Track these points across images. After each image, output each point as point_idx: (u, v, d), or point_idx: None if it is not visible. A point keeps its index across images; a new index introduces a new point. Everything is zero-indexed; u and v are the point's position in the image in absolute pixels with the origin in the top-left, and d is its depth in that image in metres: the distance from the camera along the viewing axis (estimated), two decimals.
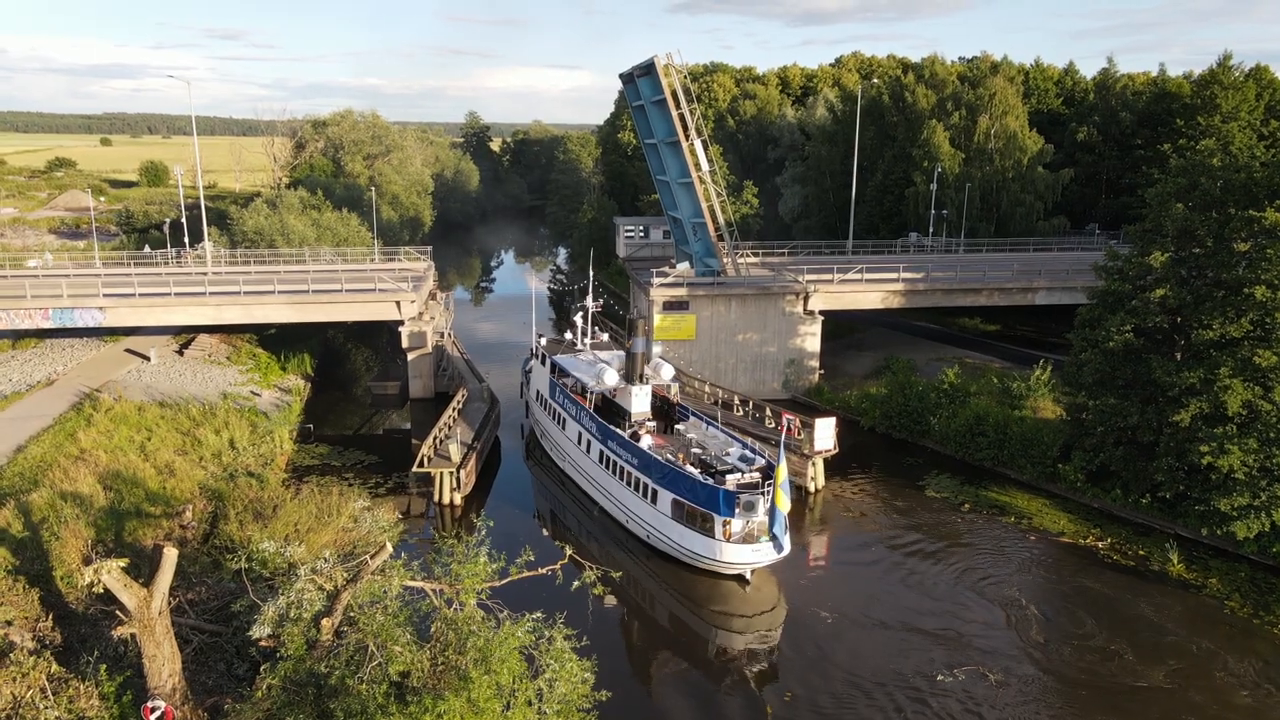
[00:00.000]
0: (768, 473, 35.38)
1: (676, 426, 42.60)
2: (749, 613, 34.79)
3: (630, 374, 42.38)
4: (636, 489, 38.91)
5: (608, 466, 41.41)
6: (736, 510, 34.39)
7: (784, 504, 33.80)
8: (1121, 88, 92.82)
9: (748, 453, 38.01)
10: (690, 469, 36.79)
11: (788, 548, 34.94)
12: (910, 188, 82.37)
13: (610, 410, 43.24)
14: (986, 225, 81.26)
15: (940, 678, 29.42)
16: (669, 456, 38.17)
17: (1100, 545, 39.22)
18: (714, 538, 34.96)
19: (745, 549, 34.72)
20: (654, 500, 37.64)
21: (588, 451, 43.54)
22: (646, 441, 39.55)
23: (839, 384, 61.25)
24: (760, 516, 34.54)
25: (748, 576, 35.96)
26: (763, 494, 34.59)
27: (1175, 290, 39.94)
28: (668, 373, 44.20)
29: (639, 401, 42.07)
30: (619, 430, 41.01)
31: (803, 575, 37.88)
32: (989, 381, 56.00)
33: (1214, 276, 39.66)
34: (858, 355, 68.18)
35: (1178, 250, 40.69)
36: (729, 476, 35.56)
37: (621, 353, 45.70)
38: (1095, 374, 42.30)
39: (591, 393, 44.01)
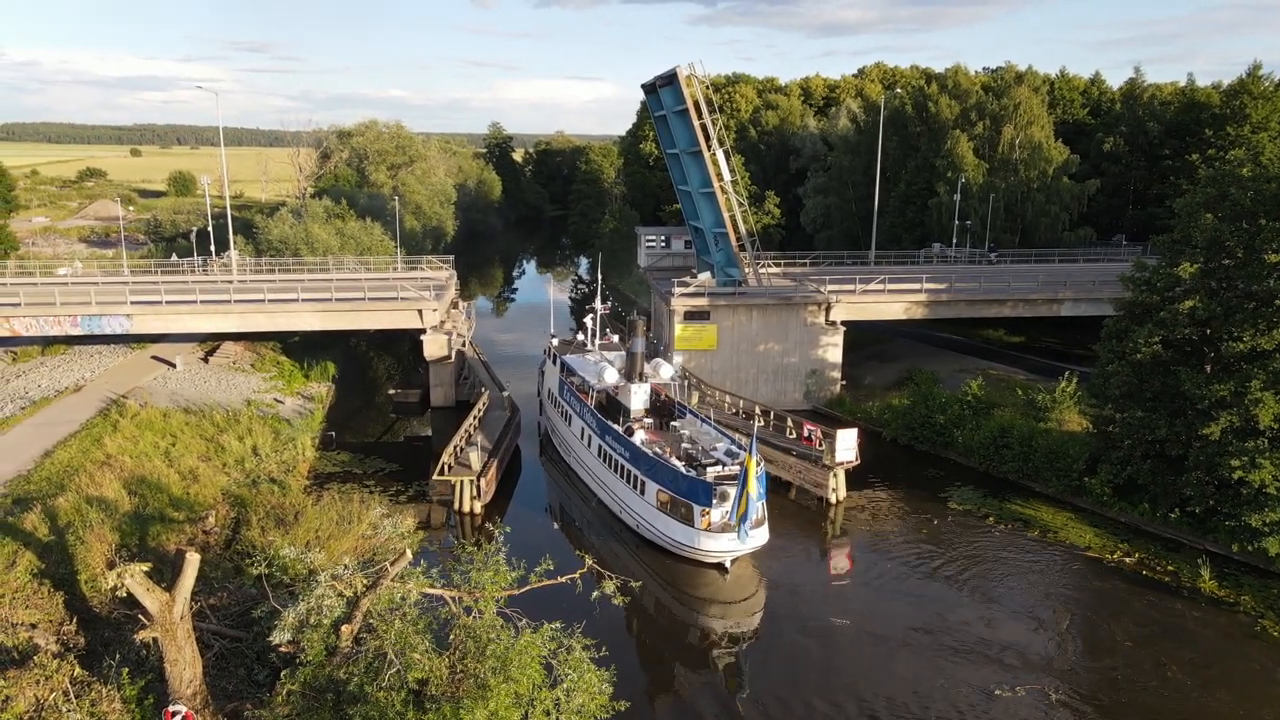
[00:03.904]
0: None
1: (672, 423, 43.79)
2: (731, 599, 36.01)
3: (630, 372, 44.24)
4: (628, 481, 40.43)
5: (605, 460, 42.95)
6: (714, 500, 35.71)
7: (755, 492, 34.76)
8: (1149, 98, 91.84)
9: (733, 447, 39.39)
10: (675, 461, 38.23)
11: (760, 539, 36.35)
12: (934, 198, 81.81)
13: (611, 407, 44.86)
14: (1010, 236, 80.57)
15: (998, 692, 28.92)
16: (657, 450, 39.61)
17: (1128, 560, 38.55)
18: (694, 527, 36.36)
19: (722, 538, 36.02)
20: (642, 491, 39.18)
21: (589, 446, 45.13)
22: (639, 436, 41.05)
23: (861, 395, 60.82)
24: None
25: (727, 566, 37.16)
26: (738, 485, 35.56)
27: (1205, 302, 39.31)
28: (666, 371, 45.87)
29: (637, 398, 44.02)
30: (614, 425, 42.53)
31: (823, 585, 37.57)
32: (1013, 393, 55.37)
33: (1244, 288, 38.98)
34: (880, 366, 67.71)
35: (1207, 261, 40.04)
36: (710, 469, 36.93)
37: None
38: (1122, 386, 41.69)
39: (594, 390, 45.67)
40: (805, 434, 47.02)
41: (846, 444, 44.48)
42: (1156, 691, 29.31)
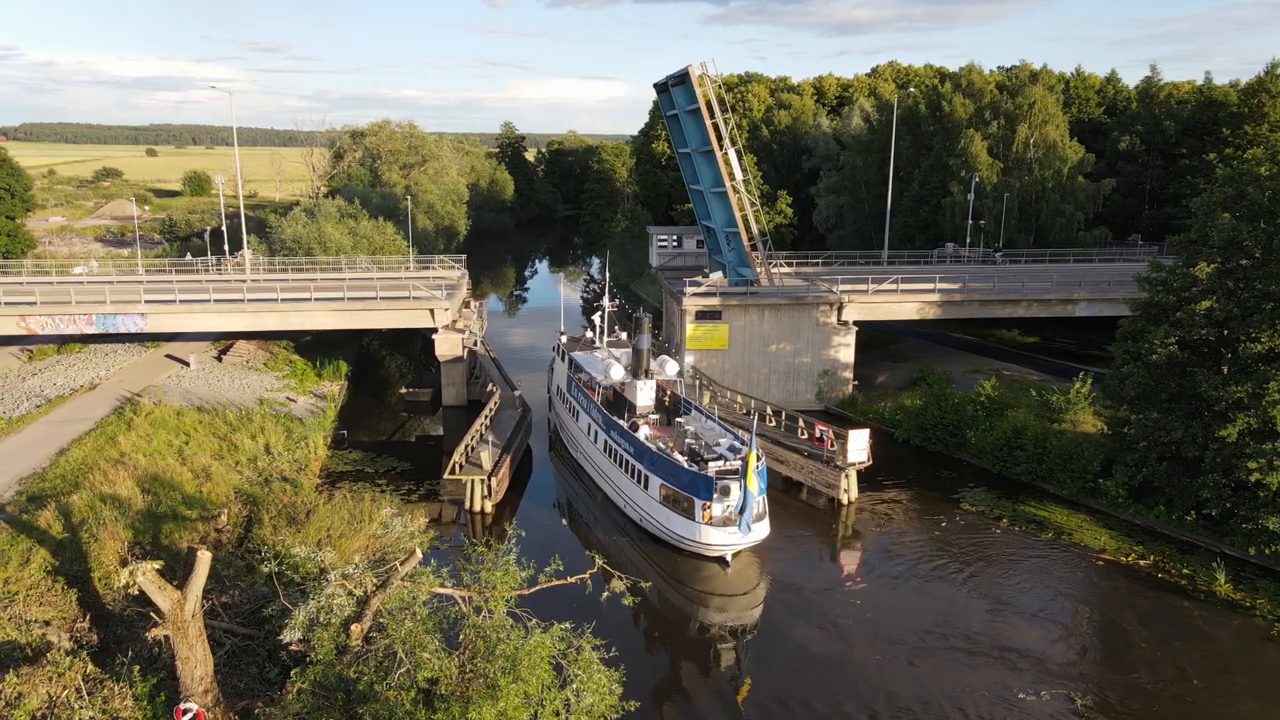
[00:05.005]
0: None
1: (677, 419, 44.01)
2: (734, 593, 36.41)
3: (636, 369, 44.94)
4: (632, 475, 40.88)
5: (610, 455, 43.43)
6: (715, 495, 36.08)
7: (754, 487, 35.27)
8: (1165, 96, 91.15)
9: (736, 443, 39.76)
10: (678, 456, 38.61)
11: (760, 533, 36.81)
12: (947, 198, 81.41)
13: (618, 403, 45.49)
14: (1025, 236, 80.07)
15: (1022, 696, 28.74)
16: (661, 445, 39.99)
17: (1143, 563, 38.21)
18: (695, 520, 36.75)
19: (723, 532, 36.45)
20: (646, 485, 39.66)
21: (595, 441, 45.58)
22: (644, 432, 41.45)
23: (873, 395, 60.55)
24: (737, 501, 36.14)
25: (728, 559, 37.60)
26: (739, 479, 35.93)
27: (1222, 302, 38.93)
28: (672, 368, 46.41)
29: (643, 395, 44.67)
30: (620, 421, 43.02)
31: (835, 585, 37.38)
32: (1027, 394, 54.99)
33: (1262, 288, 38.58)
34: (892, 366, 67.41)
35: (1224, 261, 39.65)
36: (712, 464, 37.28)
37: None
38: (1138, 387, 41.32)
39: (600, 387, 46.10)
40: (817, 434, 46.84)
41: (858, 445, 44.32)
42: (1181, 698, 29.02)
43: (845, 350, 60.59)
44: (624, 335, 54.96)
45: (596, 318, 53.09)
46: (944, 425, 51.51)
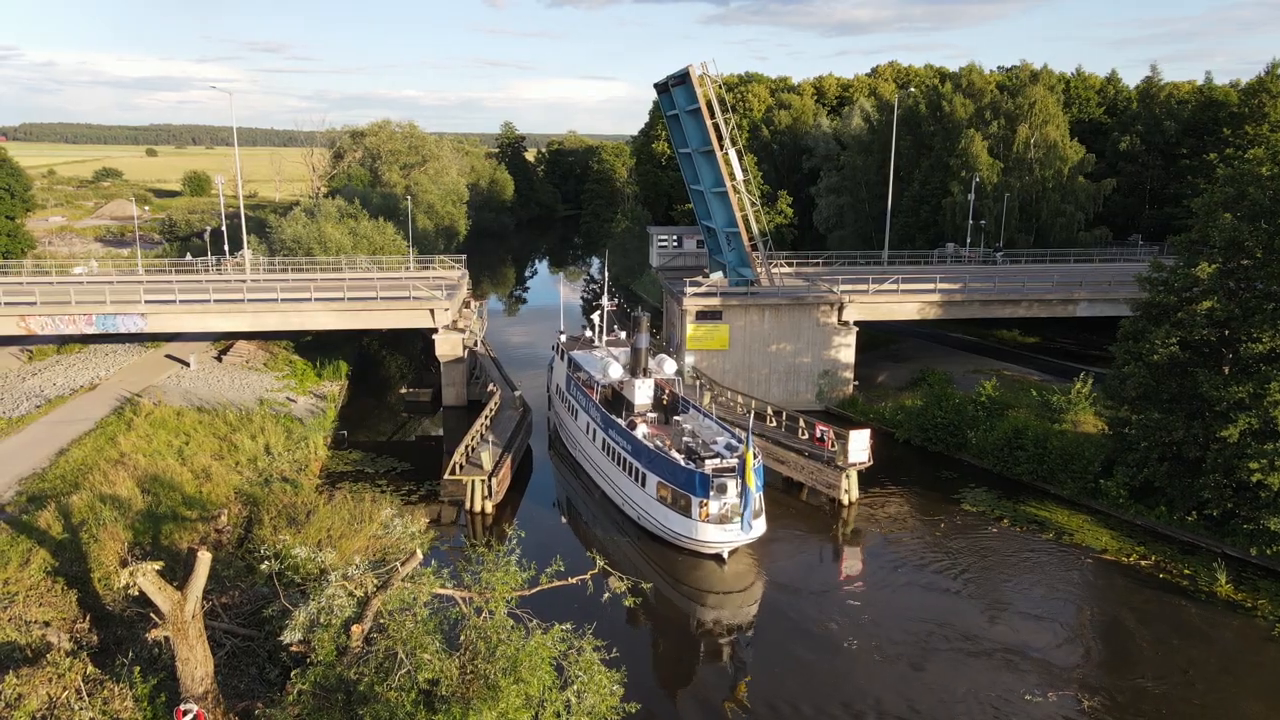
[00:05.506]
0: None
1: (675, 417, 44.26)
2: (731, 590, 36.65)
3: (634, 368, 45.26)
4: (630, 473, 41.14)
5: (608, 453, 43.70)
6: (711, 492, 36.43)
7: (752, 484, 35.57)
8: (1166, 96, 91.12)
9: (733, 441, 40.01)
10: (675, 454, 38.84)
11: (758, 529, 37.07)
12: (947, 198, 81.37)
13: (616, 402, 45.77)
14: (1025, 236, 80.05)
15: (1028, 697, 28.72)
16: (658, 443, 40.19)
17: (1144, 564, 38.17)
18: (692, 518, 37.04)
19: (719, 529, 36.76)
20: (643, 483, 39.92)
21: (594, 440, 45.86)
22: (642, 430, 41.66)
23: (873, 395, 60.52)
24: (734, 499, 36.39)
25: (724, 557, 37.83)
26: (736, 477, 36.18)
27: (1223, 302, 38.90)
28: (670, 367, 46.69)
29: (642, 393, 44.99)
30: (618, 419, 43.27)
31: (836, 585, 37.37)
32: (1028, 395, 54.95)
33: (1264, 289, 38.56)
34: (893, 367, 67.38)
35: (1225, 261, 39.62)
36: (709, 461, 37.56)
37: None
38: (1139, 387, 41.29)
39: (599, 385, 46.34)
40: (818, 435, 46.82)
41: (859, 445, 44.30)
42: (1186, 699, 28.96)
43: (846, 350, 60.56)
44: (623, 335, 55.00)
45: (596, 317, 53.20)
46: (945, 425, 51.46)
